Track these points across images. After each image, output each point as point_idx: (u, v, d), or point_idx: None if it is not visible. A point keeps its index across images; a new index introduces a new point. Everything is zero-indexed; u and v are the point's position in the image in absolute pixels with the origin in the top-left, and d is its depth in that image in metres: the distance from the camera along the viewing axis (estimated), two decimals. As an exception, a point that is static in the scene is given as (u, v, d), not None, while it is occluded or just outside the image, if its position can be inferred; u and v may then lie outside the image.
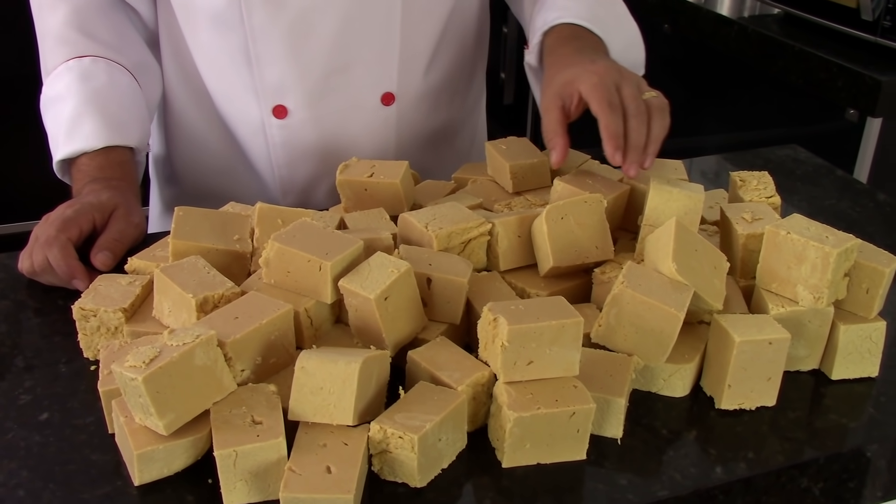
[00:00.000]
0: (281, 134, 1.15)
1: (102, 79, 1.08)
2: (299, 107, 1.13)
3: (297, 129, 1.15)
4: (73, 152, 1.04)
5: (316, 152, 1.17)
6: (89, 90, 1.06)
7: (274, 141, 1.16)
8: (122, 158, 1.06)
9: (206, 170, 1.24)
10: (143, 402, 0.67)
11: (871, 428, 0.79)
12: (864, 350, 0.84)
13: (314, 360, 0.70)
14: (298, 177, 1.19)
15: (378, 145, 1.19)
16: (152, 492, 0.70)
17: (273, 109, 1.13)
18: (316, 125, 1.15)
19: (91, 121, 1.04)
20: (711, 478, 0.73)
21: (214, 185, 1.24)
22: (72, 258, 0.92)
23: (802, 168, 1.30)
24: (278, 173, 1.19)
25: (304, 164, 1.18)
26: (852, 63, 1.67)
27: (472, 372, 0.75)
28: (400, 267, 0.78)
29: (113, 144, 1.05)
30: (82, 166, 1.04)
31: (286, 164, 1.18)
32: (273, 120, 1.14)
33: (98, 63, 1.09)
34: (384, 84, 1.15)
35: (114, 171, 1.04)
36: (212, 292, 0.78)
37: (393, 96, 1.16)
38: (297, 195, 1.21)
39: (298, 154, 1.17)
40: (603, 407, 0.75)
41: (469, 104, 1.32)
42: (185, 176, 1.27)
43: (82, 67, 1.08)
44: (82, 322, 0.83)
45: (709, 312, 0.83)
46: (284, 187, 1.20)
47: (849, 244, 0.80)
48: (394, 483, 0.71)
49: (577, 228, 0.87)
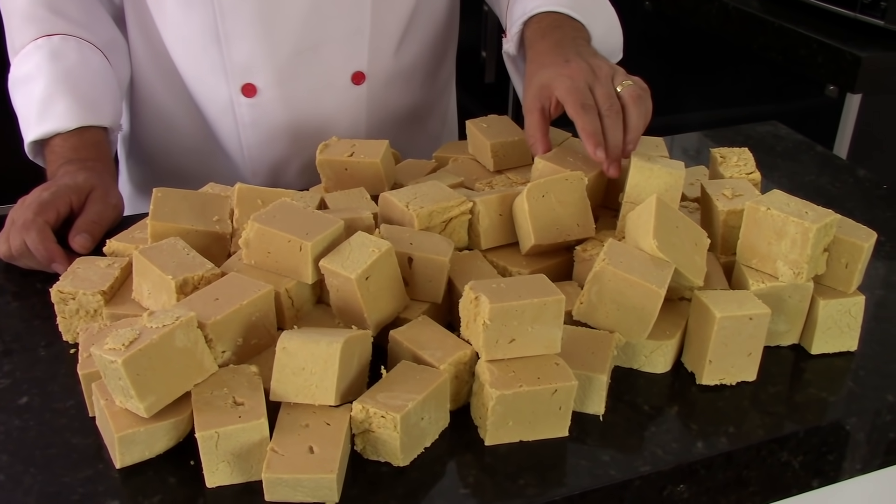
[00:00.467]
0: (250, 113, 1.14)
1: (73, 57, 1.06)
2: (269, 85, 1.12)
3: (267, 108, 1.14)
4: (46, 133, 1.02)
5: (286, 132, 1.16)
6: (60, 69, 1.04)
7: (243, 120, 1.15)
8: (97, 138, 1.04)
9: (175, 150, 1.22)
10: (123, 384, 0.67)
11: (850, 401, 0.80)
12: (843, 325, 0.84)
13: (296, 340, 0.69)
14: (268, 157, 1.18)
15: (349, 125, 1.18)
16: (134, 474, 0.70)
17: (242, 88, 1.12)
18: (286, 104, 1.14)
19: (63, 100, 1.02)
20: (693, 452, 0.74)
21: (184, 166, 1.23)
22: (50, 241, 0.91)
23: (782, 144, 1.30)
24: (248, 153, 1.18)
25: (273, 144, 1.17)
26: (832, 39, 1.68)
27: (454, 351, 0.75)
28: (381, 246, 0.77)
29: (87, 124, 1.03)
30: (56, 147, 1.02)
31: (256, 144, 1.17)
32: (242, 99, 1.13)
33: (68, 41, 1.07)
34: (354, 63, 1.14)
35: (88, 152, 1.02)
36: (191, 274, 0.78)
37: (363, 75, 1.15)
38: (267, 175, 1.20)
39: (268, 134, 1.16)
40: (585, 384, 0.75)
41: (440, 85, 1.31)
42: (154, 156, 1.25)
43: (52, 46, 1.06)
44: (61, 305, 0.82)
45: (690, 289, 0.83)
46: (254, 167, 1.19)
47: (828, 219, 0.81)
48: (377, 462, 0.71)
49: (559, 206, 0.87)
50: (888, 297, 0.94)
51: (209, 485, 0.68)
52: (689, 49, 2.14)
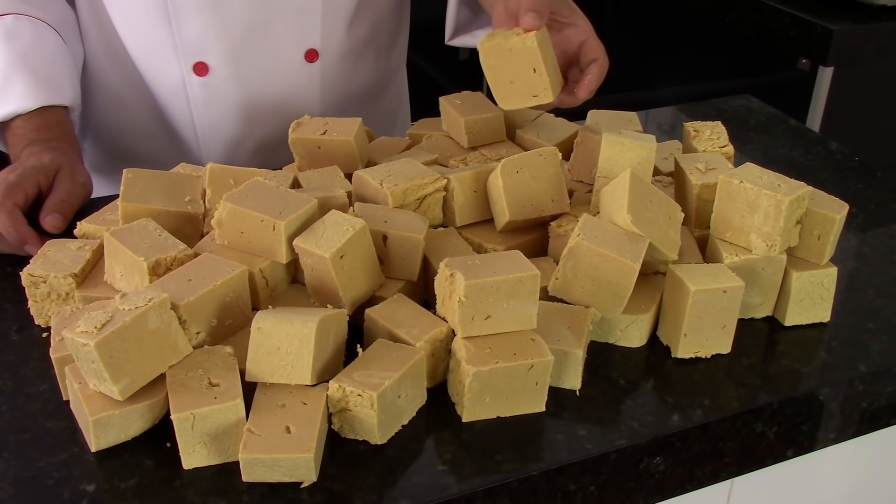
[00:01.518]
0: (202, 92, 1.12)
1: (28, 36, 1.04)
2: (221, 63, 1.11)
3: (219, 86, 1.12)
4: (6, 115, 1.00)
5: (239, 111, 1.15)
6: (15, 49, 1.02)
7: (196, 100, 1.13)
8: (59, 118, 1.03)
9: (127, 131, 1.21)
10: (96, 367, 0.66)
11: (823, 372, 0.81)
12: (816, 296, 0.85)
13: (270, 320, 0.69)
14: (222, 136, 1.17)
15: (303, 103, 1.17)
16: (110, 457, 0.69)
17: (193, 66, 1.10)
18: (238, 83, 1.12)
19: (22, 81, 1.00)
20: (669, 425, 0.74)
21: (137, 147, 1.21)
22: (21, 223, 0.90)
23: (755, 118, 1.30)
24: (201, 133, 1.16)
25: (227, 124, 1.15)
26: (804, 12, 1.68)
27: (430, 328, 0.75)
28: (355, 225, 0.77)
29: (47, 104, 1.01)
30: (17, 129, 1.01)
31: (209, 124, 1.15)
32: (194, 78, 1.11)
33: (21, 21, 1.05)
34: (307, 40, 1.13)
35: (52, 132, 1.00)
36: (164, 255, 0.77)
37: (317, 53, 1.14)
38: (221, 155, 1.18)
39: (221, 113, 1.14)
40: (561, 359, 0.76)
41: (394, 62, 1.30)
42: (107, 138, 1.23)
43: (5, 26, 1.04)
44: (32, 289, 0.81)
45: (664, 263, 0.83)
46: (207, 148, 1.18)
47: (800, 192, 0.81)
48: (354, 441, 0.71)
49: (533, 182, 0.87)
50: (860, 268, 0.95)
51: (186, 466, 0.68)
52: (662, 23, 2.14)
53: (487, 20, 1.20)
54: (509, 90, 0.90)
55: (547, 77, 0.88)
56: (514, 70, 0.89)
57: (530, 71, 0.88)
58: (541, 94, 0.90)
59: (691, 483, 0.78)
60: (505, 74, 0.90)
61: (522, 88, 0.90)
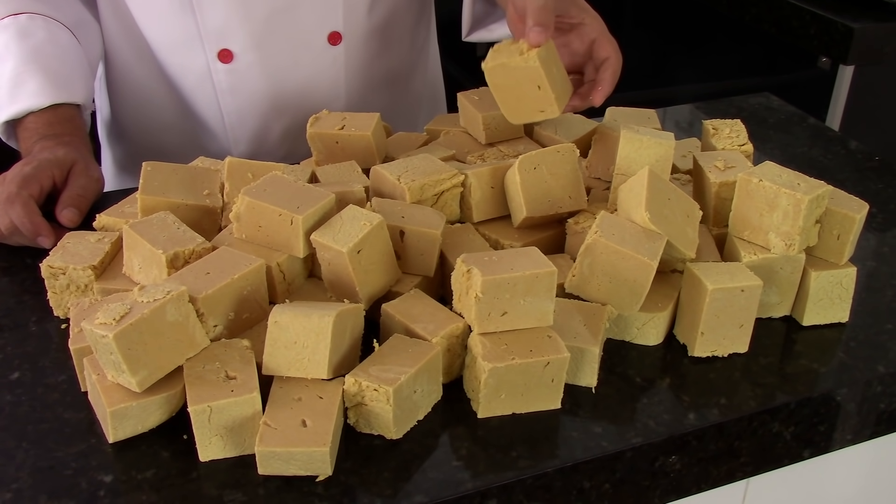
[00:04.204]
0: (228, 79, 1.13)
1: (41, 35, 1.05)
2: (245, 49, 1.11)
3: (245, 73, 1.13)
4: (18, 112, 1.01)
5: (265, 97, 1.15)
6: (29, 48, 1.03)
7: (221, 87, 1.14)
8: (70, 115, 1.03)
9: (154, 125, 1.21)
10: (114, 359, 0.66)
11: (840, 372, 0.80)
12: (834, 296, 0.85)
13: (287, 314, 0.69)
14: (249, 124, 1.17)
15: (328, 88, 1.17)
16: (127, 449, 0.70)
17: (218, 54, 1.11)
18: (263, 68, 1.13)
19: (34, 79, 1.01)
20: (685, 424, 0.74)
21: (165, 141, 1.22)
22: (35, 215, 0.91)
23: (775, 116, 1.30)
24: (228, 121, 1.17)
25: (254, 110, 1.16)
26: (825, 10, 1.67)
27: (447, 324, 0.75)
28: (372, 220, 0.77)
29: (59, 102, 1.02)
30: (29, 125, 1.01)
31: (235, 111, 1.16)
32: (219, 65, 1.12)
33: (35, 20, 1.05)
34: (330, 23, 1.13)
35: (64, 127, 1.01)
36: (182, 248, 0.78)
37: (340, 35, 1.14)
38: (249, 143, 1.19)
39: (247, 100, 1.15)
40: (577, 356, 0.75)
41: (418, 44, 1.30)
42: (134, 133, 1.24)
43: (19, 25, 1.04)
44: (51, 280, 0.82)
45: (682, 261, 0.83)
46: (235, 135, 1.18)
47: (820, 191, 0.81)
48: (370, 435, 0.71)
49: (550, 178, 0.87)
50: (879, 268, 0.95)
51: (202, 458, 0.69)
52: (682, 21, 2.13)
53: (503, 14, 1.20)
54: (516, 106, 0.91)
55: (552, 94, 0.88)
56: (519, 88, 0.89)
57: (535, 88, 0.88)
58: (547, 109, 0.90)
59: (707, 482, 0.78)
60: (511, 92, 0.90)
61: (529, 104, 0.90)
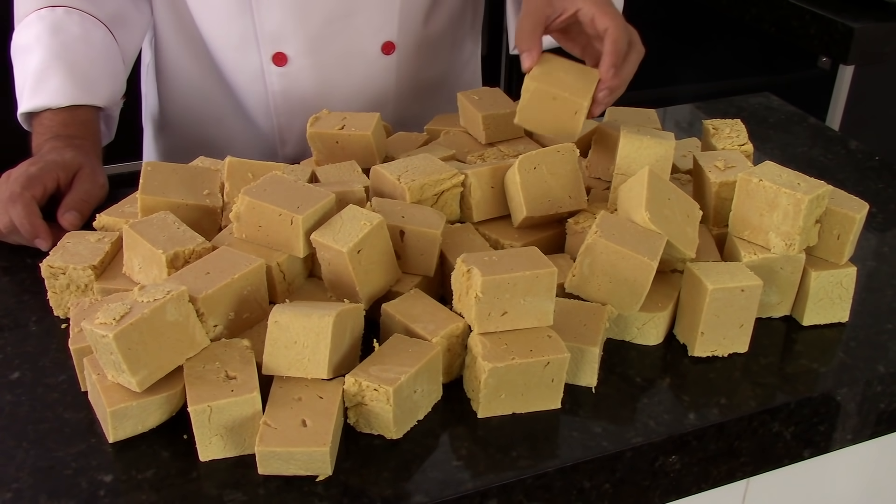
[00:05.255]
0: (280, 82, 1.14)
1: (74, 31, 1.05)
2: (299, 54, 1.12)
3: (297, 77, 1.14)
4: (37, 107, 1.01)
5: (315, 101, 1.16)
6: (59, 43, 1.03)
7: (273, 89, 1.15)
8: (87, 117, 1.03)
9: (201, 119, 1.22)
10: (114, 359, 0.66)
11: (840, 372, 0.80)
12: (834, 296, 0.85)
13: (287, 314, 0.69)
14: (298, 126, 1.18)
15: (377, 95, 1.18)
16: (127, 448, 0.70)
17: (273, 57, 1.12)
18: (316, 73, 1.14)
19: (58, 76, 1.01)
20: (685, 424, 0.74)
21: (210, 136, 1.22)
22: (35, 216, 0.91)
23: (775, 116, 1.30)
24: (277, 122, 1.18)
25: (303, 113, 1.16)
26: (825, 10, 1.67)
27: (447, 323, 0.75)
28: (372, 220, 0.77)
29: (78, 103, 1.02)
30: (45, 120, 1.02)
31: (285, 113, 1.17)
32: (273, 68, 1.13)
33: (72, 14, 1.05)
34: (385, 32, 1.14)
35: (77, 130, 1.01)
36: (182, 248, 0.78)
37: (393, 45, 1.15)
38: (296, 144, 1.20)
39: (298, 103, 1.16)
40: (577, 356, 0.75)
41: (465, 54, 1.31)
42: (180, 126, 1.25)
43: (54, 18, 1.05)
44: (51, 280, 0.82)
45: (682, 261, 0.83)
46: (283, 136, 1.19)
47: (820, 191, 0.81)
48: (370, 435, 0.71)
49: (550, 178, 0.87)
50: (879, 268, 0.95)
51: (202, 458, 0.69)
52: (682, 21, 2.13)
53: None
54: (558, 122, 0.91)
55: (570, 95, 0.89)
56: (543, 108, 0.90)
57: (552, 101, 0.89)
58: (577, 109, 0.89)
59: (707, 482, 0.78)
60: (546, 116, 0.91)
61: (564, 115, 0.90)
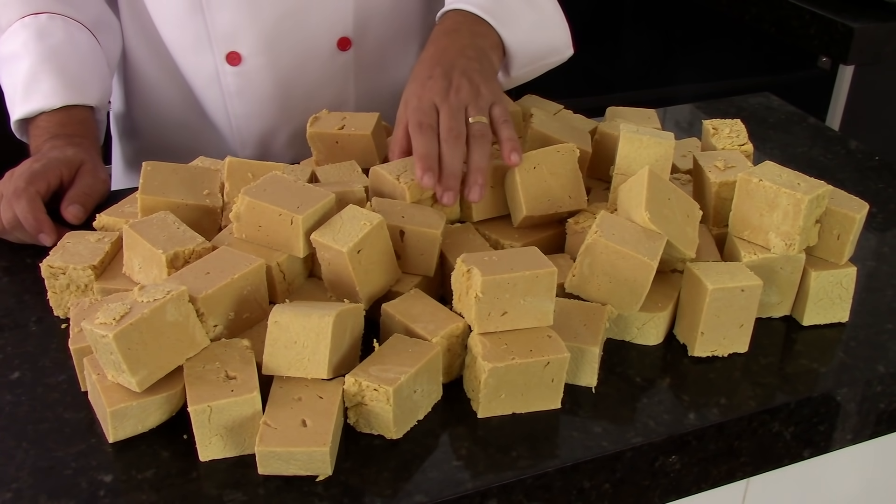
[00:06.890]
0: (236, 82, 1.13)
1: (60, 35, 1.05)
2: (253, 53, 1.11)
3: (252, 76, 1.13)
4: (31, 112, 1.01)
5: (272, 101, 1.15)
6: (46, 48, 1.03)
7: (229, 90, 1.14)
8: (83, 116, 1.03)
9: (165, 124, 1.22)
10: (114, 359, 0.66)
11: (840, 372, 0.80)
12: (834, 296, 0.85)
13: (287, 314, 0.69)
14: (256, 127, 1.17)
15: (336, 94, 1.17)
16: (127, 448, 0.70)
17: (226, 56, 1.11)
18: (271, 72, 1.13)
19: (49, 79, 1.01)
20: (685, 424, 0.74)
21: (174, 140, 1.22)
22: (40, 211, 0.91)
23: (775, 116, 1.30)
24: (235, 124, 1.17)
25: (261, 114, 1.16)
26: (825, 10, 1.67)
27: (447, 323, 0.75)
28: (372, 219, 0.77)
29: (72, 103, 1.02)
30: (41, 123, 1.01)
31: (243, 115, 1.16)
32: (227, 68, 1.12)
33: (55, 20, 1.06)
34: (339, 28, 1.13)
35: (75, 129, 1.01)
36: (182, 248, 0.78)
37: (349, 41, 1.14)
38: (256, 146, 1.19)
39: (255, 103, 1.15)
40: (577, 356, 0.75)
41: None
42: (145, 131, 1.24)
43: (39, 24, 1.05)
44: (51, 280, 0.82)
45: (682, 261, 0.83)
46: (242, 138, 1.18)
47: (820, 191, 0.81)
48: (370, 435, 0.71)
49: (550, 178, 0.87)
50: (879, 268, 0.95)
51: (202, 458, 0.69)
52: (681, 21, 2.13)
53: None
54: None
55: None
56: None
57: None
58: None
59: (707, 482, 0.78)
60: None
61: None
